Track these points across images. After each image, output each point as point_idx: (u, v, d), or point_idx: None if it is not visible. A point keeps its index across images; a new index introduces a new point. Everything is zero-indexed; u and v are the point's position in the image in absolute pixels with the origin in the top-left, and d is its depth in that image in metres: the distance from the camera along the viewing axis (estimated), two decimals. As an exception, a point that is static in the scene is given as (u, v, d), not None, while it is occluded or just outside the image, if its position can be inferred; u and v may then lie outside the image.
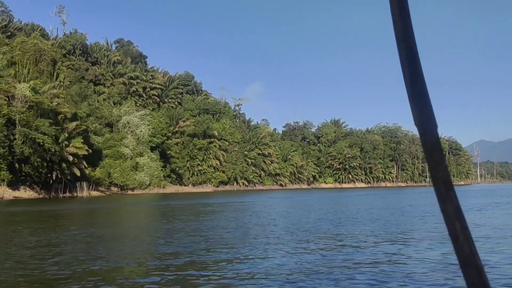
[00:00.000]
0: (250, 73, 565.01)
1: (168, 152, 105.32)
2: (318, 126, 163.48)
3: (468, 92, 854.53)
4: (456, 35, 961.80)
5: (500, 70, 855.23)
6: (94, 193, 74.62)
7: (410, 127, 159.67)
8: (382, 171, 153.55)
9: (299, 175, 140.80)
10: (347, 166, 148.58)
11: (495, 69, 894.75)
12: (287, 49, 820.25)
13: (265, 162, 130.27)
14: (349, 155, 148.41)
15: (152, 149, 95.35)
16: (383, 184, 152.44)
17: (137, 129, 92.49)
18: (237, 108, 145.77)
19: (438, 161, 0.83)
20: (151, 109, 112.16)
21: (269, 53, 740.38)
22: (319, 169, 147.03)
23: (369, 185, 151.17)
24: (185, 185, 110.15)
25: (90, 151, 73.29)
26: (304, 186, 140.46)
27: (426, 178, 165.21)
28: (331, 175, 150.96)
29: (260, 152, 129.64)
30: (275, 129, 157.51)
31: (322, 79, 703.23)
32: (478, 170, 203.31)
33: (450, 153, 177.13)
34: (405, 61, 0.85)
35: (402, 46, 0.86)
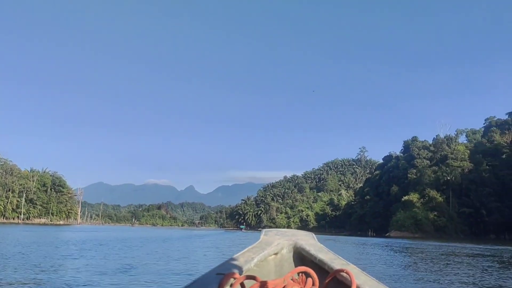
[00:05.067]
0: None
1: None
2: None
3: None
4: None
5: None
6: None
7: (9, 155, 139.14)
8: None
9: None
10: None
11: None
12: None
13: None
14: None
15: None
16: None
17: None
18: None
19: None
20: None
21: None
22: None
23: None
24: None
25: None
26: None
27: (21, 215, 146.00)
28: None
29: None
30: None
31: None
32: (79, 210, 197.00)
33: (53, 189, 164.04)
34: None
35: None
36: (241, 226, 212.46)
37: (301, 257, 3.74)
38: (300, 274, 3.07)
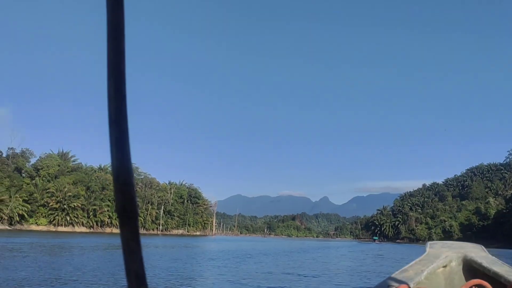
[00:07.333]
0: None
1: None
2: (40, 157, 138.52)
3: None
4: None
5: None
6: None
7: (148, 169, 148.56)
8: (109, 215, 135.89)
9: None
10: (65, 206, 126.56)
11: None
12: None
13: None
14: (71, 194, 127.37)
15: None
16: (108, 229, 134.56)
17: None
18: None
19: (130, 213, 0.74)
20: None
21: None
22: (30, 207, 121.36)
23: (91, 230, 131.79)
24: None
25: None
26: (4, 226, 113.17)
27: (159, 226, 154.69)
28: (45, 216, 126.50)
29: None
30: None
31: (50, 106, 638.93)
32: (214, 221, 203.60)
33: (189, 201, 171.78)
34: (113, 96, 0.79)
35: (112, 83, 0.79)
36: (374, 238, 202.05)
37: (472, 269, 3.51)
38: (474, 287, 2.98)
